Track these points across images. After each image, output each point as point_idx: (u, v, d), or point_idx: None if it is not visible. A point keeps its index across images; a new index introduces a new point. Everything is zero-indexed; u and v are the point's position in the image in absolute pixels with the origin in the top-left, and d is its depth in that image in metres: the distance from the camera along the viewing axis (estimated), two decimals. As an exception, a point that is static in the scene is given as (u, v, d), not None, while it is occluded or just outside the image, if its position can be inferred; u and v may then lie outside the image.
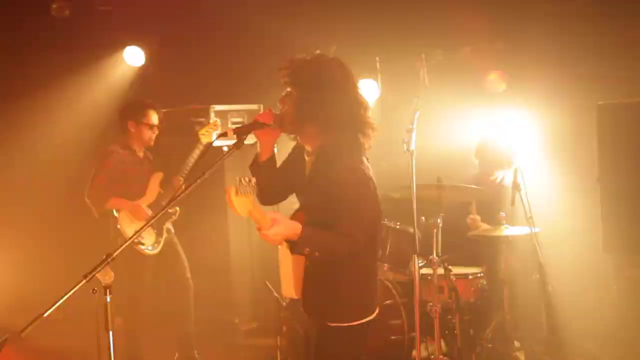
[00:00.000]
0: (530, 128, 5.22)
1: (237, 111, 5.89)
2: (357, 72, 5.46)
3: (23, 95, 6.20)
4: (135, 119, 5.12)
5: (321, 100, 2.92)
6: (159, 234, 5.20)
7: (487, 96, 5.35)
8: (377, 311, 3.05)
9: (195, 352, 5.31)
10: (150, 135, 5.17)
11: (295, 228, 2.79)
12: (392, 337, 4.73)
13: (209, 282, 5.74)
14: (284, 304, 4.88)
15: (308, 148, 3.09)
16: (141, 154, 5.24)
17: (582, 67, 4.98)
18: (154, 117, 5.17)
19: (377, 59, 5.65)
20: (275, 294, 4.93)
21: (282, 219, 2.81)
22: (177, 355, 5.33)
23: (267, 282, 5.08)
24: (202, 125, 5.37)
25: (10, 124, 6.28)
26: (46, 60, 6.15)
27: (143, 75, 6.38)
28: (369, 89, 5.61)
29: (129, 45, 6.23)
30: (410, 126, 3.86)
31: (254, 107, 5.95)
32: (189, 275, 5.29)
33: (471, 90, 5.38)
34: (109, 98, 6.34)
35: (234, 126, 5.81)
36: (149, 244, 5.13)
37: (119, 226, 4.97)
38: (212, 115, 5.69)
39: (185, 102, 5.92)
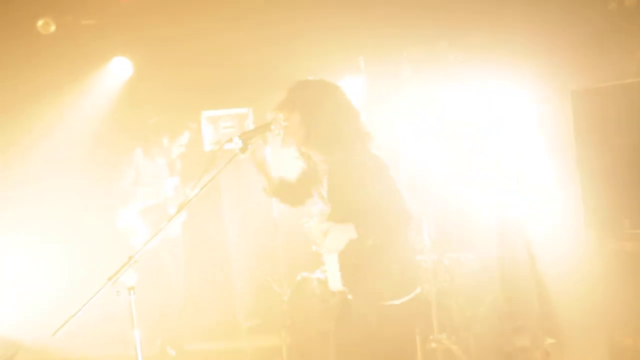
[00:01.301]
0: (507, 115, 5.40)
1: (227, 116, 6.06)
2: (341, 72, 5.72)
3: (14, 111, 6.26)
4: None
5: (327, 122, 3.14)
6: None
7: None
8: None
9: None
10: None
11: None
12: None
13: (209, 279, 5.88)
14: (286, 298, 5.09)
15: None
16: None
17: (556, 54, 5.16)
18: None
19: (361, 58, 5.82)
20: (277, 289, 5.13)
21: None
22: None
23: (268, 278, 5.29)
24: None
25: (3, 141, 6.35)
26: (35, 76, 6.15)
27: (132, 85, 6.47)
28: (353, 88, 5.80)
29: (116, 56, 6.34)
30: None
31: (243, 110, 6.11)
32: None
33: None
34: (99, 110, 6.43)
35: (225, 131, 6.02)
36: None
37: None
38: (204, 121, 5.87)
39: (175, 109, 6.04)
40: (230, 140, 3.31)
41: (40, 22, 6.05)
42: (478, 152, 5.29)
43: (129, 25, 6.15)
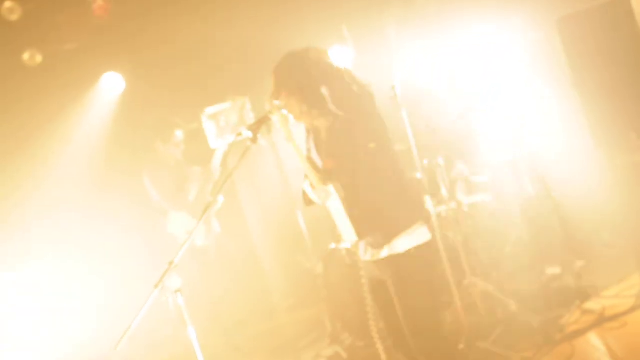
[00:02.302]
0: (499, 55, 5.47)
1: (226, 109, 6.12)
2: (327, 42, 5.78)
3: (17, 146, 6.32)
4: None
5: (320, 95, 3.23)
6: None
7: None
8: None
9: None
10: None
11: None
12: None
13: (239, 269, 6.01)
14: (318, 272, 5.21)
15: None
16: None
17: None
18: None
19: (344, 27, 5.88)
20: (307, 264, 5.27)
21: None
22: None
23: (297, 256, 5.43)
24: None
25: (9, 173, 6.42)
26: (30, 108, 6.23)
27: (128, 98, 6.54)
28: (341, 56, 5.87)
29: (106, 72, 6.39)
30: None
31: (239, 100, 6.17)
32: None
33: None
34: (99, 129, 6.52)
35: (225, 124, 6.11)
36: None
37: None
38: (204, 118, 5.93)
39: (174, 112, 6.11)
40: (240, 133, 3.44)
41: (26, 55, 6.08)
42: (478, 97, 5.36)
43: (113, 41, 6.19)
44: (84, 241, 6.24)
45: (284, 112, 3.39)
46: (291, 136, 3.45)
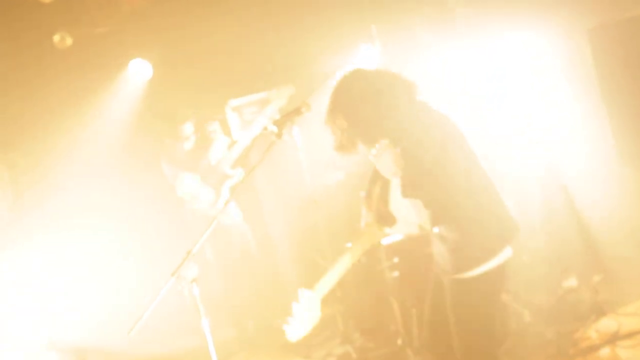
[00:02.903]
0: (528, 63, 5.42)
1: (250, 102, 6.16)
2: (354, 41, 5.77)
3: (39, 127, 6.40)
4: None
5: (377, 119, 3.00)
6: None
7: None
8: None
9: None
10: None
11: None
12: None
13: (254, 261, 6.04)
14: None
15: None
16: None
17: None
18: None
19: (373, 26, 5.85)
20: (322, 262, 5.26)
21: None
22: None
23: (312, 253, 5.43)
24: None
25: (32, 155, 6.50)
26: (58, 90, 6.27)
27: (154, 86, 6.55)
28: (367, 56, 5.87)
29: (135, 59, 6.42)
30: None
31: (263, 95, 6.19)
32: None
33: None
34: (125, 114, 6.56)
35: (249, 117, 6.15)
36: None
37: None
38: (228, 110, 5.98)
39: (199, 104, 6.14)
40: (265, 128, 3.44)
41: (56, 38, 6.14)
42: (504, 104, 5.32)
43: (143, 27, 6.22)
44: (108, 217, 6.30)
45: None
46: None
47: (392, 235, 5.19)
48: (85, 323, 5.78)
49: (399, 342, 4.79)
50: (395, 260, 4.99)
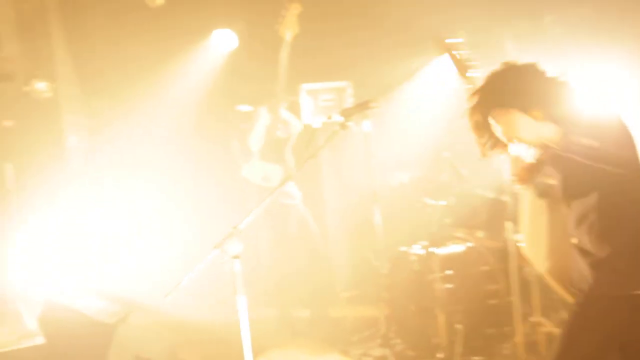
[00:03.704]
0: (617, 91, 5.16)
1: (326, 89, 6.08)
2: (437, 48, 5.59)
3: (122, 81, 6.50)
4: None
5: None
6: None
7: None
8: None
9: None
10: None
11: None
12: (491, 302, 4.90)
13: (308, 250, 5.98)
14: (384, 272, 5.10)
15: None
16: None
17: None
18: None
19: (462, 32, 5.67)
20: (375, 262, 5.16)
21: None
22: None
23: (367, 251, 5.33)
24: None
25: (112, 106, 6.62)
26: (144, 48, 6.32)
27: (235, 58, 6.54)
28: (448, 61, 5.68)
29: (219, 28, 6.41)
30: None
31: (342, 84, 6.11)
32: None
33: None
34: (202, 83, 6.57)
35: (324, 104, 6.07)
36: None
37: None
38: (303, 94, 5.92)
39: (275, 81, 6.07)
40: (330, 117, 3.36)
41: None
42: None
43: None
44: (170, 178, 6.41)
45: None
46: None
47: (451, 246, 5.10)
48: (131, 277, 5.87)
49: (440, 355, 4.68)
50: (449, 272, 4.86)
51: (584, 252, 2.74)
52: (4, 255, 5.81)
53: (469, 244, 5.09)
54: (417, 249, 5.06)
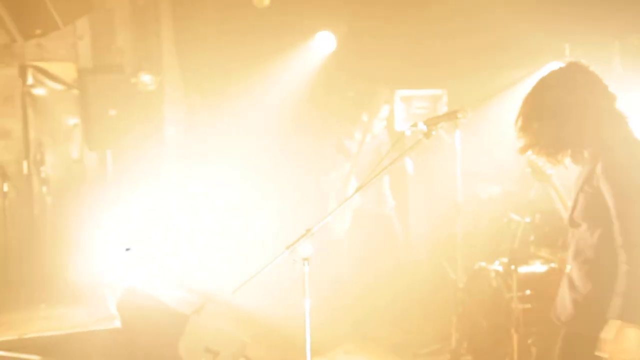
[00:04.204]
0: None
1: (421, 97, 6.04)
2: (544, 57, 5.45)
3: (224, 81, 6.68)
4: None
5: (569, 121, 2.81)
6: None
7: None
8: None
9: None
10: None
11: None
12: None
13: (382, 259, 5.99)
14: (461, 285, 5.03)
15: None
16: None
17: None
18: None
19: (567, 45, 5.51)
20: (452, 275, 5.09)
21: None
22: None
23: (445, 263, 5.27)
24: None
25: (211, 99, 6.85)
26: (252, 47, 6.47)
27: (333, 61, 6.62)
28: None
29: (321, 30, 6.50)
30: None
31: (437, 92, 6.05)
32: None
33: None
34: (301, 83, 6.68)
35: (418, 111, 6.03)
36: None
37: None
38: (397, 99, 5.91)
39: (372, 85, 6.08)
40: (416, 125, 3.32)
41: (255, -5, 6.35)
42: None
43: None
44: (260, 175, 6.53)
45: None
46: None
47: (532, 266, 4.96)
48: (208, 270, 6.05)
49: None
50: (527, 292, 4.74)
51: (572, 285, 2.86)
52: (96, 239, 6.11)
53: (552, 265, 4.95)
54: (497, 265, 4.96)
